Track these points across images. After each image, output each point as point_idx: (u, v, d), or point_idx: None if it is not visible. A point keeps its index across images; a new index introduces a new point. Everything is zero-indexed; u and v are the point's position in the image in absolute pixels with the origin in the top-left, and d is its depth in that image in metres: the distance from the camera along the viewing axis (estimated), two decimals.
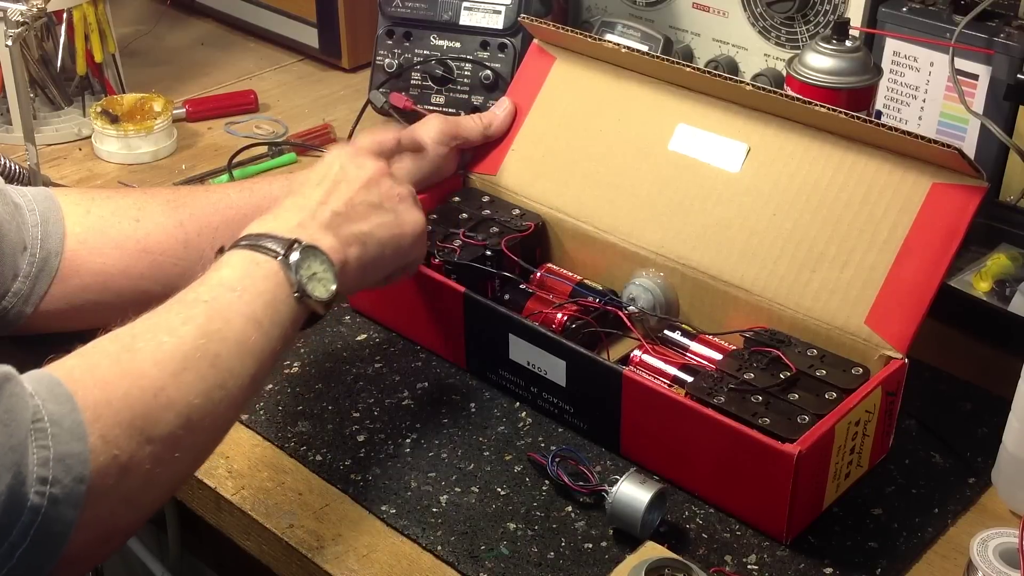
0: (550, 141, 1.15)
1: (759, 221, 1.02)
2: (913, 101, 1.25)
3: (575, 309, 1.04)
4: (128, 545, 1.32)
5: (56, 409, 0.70)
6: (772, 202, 1.02)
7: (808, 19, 1.30)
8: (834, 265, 0.98)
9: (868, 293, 0.96)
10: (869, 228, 0.97)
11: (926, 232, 0.95)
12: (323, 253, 0.86)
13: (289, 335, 0.85)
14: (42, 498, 0.68)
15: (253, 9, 1.69)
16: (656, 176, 1.08)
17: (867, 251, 0.97)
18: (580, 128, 1.14)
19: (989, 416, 1.01)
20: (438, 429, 1.00)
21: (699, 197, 1.05)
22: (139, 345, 0.77)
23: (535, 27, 1.18)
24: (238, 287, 0.82)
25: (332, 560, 0.88)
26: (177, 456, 0.76)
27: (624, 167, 1.10)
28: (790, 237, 1.00)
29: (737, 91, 1.04)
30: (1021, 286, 1.11)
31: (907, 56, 1.22)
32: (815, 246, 0.99)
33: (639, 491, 0.88)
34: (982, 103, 1.17)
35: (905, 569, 0.89)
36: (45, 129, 1.45)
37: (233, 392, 0.79)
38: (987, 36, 1.15)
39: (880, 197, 0.98)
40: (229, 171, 1.36)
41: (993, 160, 1.19)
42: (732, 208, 1.04)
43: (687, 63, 1.07)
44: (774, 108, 1.03)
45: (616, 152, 1.11)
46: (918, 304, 0.93)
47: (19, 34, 1.25)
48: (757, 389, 0.92)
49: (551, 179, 1.14)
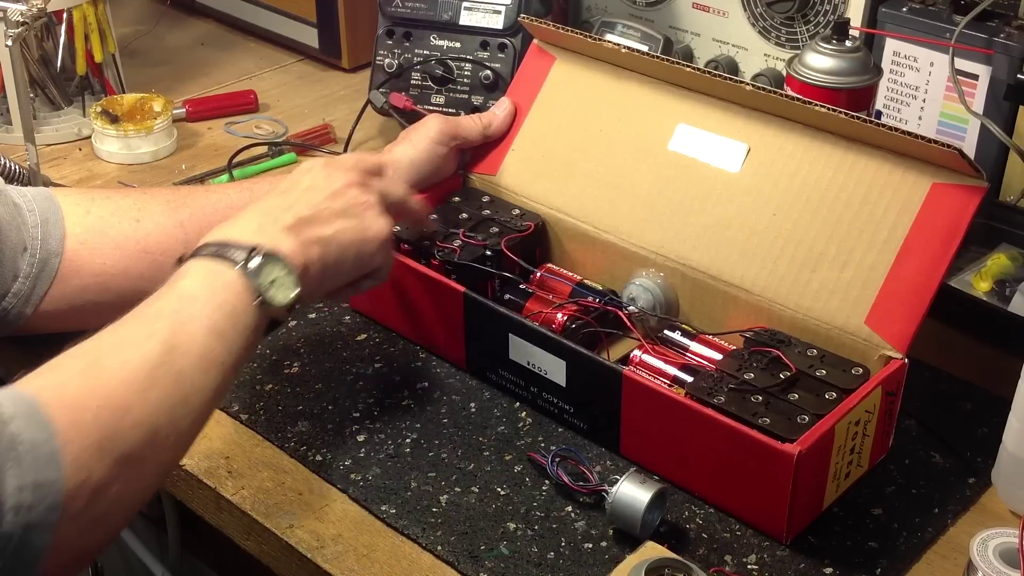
0: (550, 141, 1.15)
1: (759, 221, 1.02)
2: (913, 101, 1.25)
3: (575, 309, 1.04)
4: (128, 545, 1.32)
5: (34, 436, 0.70)
6: (772, 202, 1.02)
7: (808, 19, 1.30)
8: (834, 265, 0.98)
9: (868, 293, 0.96)
10: (869, 228, 0.97)
11: (926, 232, 0.95)
12: (283, 258, 0.85)
13: (251, 343, 0.84)
14: (15, 525, 0.68)
15: (253, 9, 1.69)
16: (656, 176, 1.08)
17: (867, 251, 0.97)
18: (580, 128, 1.14)
19: (989, 416, 1.01)
20: (438, 429, 1.00)
21: (699, 197, 1.05)
22: (105, 362, 0.76)
23: (535, 27, 1.19)
24: (200, 297, 0.82)
25: (332, 560, 0.88)
26: (143, 474, 0.76)
27: (624, 167, 1.10)
28: (790, 237, 1.00)
29: (737, 91, 1.04)
30: (1021, 286, 1.11)
31: (907, 56, 1.22)
32: (815, 246, 0.99)
33: (639, 491, 0.88)
34: (982, 103, 1.17)
35: (905, 569, 0.89)
36: (45, 129, 1.45)
37: (196, 407, 0.79)
38: (987, 36, 1.15)
39: (880, 197, 0.98)
40: (229, 171, 1.36)
41: (993, 160, 1.19)
42: (732, 208, 1.04)
43: (686, 63, 1.07)
44: (774, 108, 1.03)
45: (616, 152, 1.11)
46: (918, 304, 0.93)
47: (19, 34, 1.25)
48: (757, 389, 0.92)
49: (551, 179, 1.14)
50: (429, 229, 1.09)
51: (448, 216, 1.13)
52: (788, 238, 1.00)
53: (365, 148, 1.41)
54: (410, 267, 1.06)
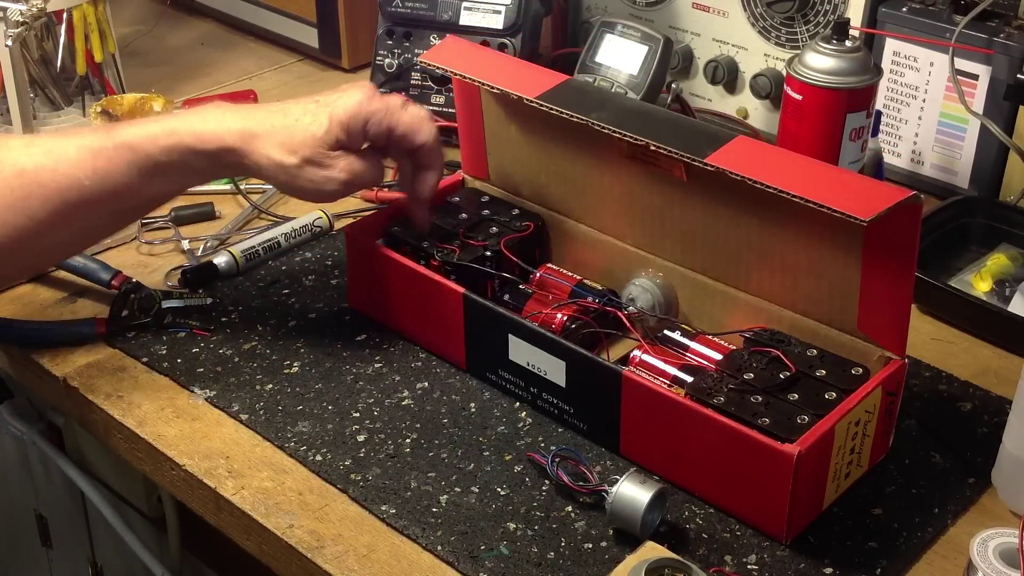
0: (531, 140, 1.14)
1: (753, 221, 1.02)
2: (913, 101, 1.25)
3: (575, 309, 1.04)
4: (128, 545, 1.32)
5: None
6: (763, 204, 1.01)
7: (808, 19, 1.30)
8: (810, 276, 0.97)
9: (850, 303, 0.95)
10: (829, 242, 0.93)
11: (882, 253, 0.91)
12: None
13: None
14: None
15: (253, 9, 1.69)
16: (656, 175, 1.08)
17: (832, 264, 0.94)
18: (569, 127, 1.13)
19: (989, 416, 1.01)
20: (438, 429, 1.00)
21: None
22: None
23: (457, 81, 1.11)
24: None
25: (332, 560, 0.88)
26: None
27: (622, 167, 1.10)
28: (776, 242, 1.00)
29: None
30: (1021, 286, 1.12)
31: (907, 56, 1.22)
32: (794, 256, 0.98)
33: (639, 491, 0.88)
34: (982, 103, 1.18)
35: (905, 569, 0.89)
36: (45, 129, 1.45)
37: None
38: (987, 36, 1.15)
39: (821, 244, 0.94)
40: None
41: (993, 160, 1.19)
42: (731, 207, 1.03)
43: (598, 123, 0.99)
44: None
45: (597, 154, 1.10)
46: (900, 307, 0.93)
47: (19, 34, 1.25)
48: (757, 389, 0.92)
49: (548, 179, 1.14)
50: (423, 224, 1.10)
51: (447, 216, 1.13)
52: (775, 242, 0.99)
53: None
54: (410, 267, 1.06)
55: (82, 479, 1.32)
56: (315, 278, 1.19)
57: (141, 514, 1.32)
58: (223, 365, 1.07)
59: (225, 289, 1.16)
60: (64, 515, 1.46)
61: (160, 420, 1.01)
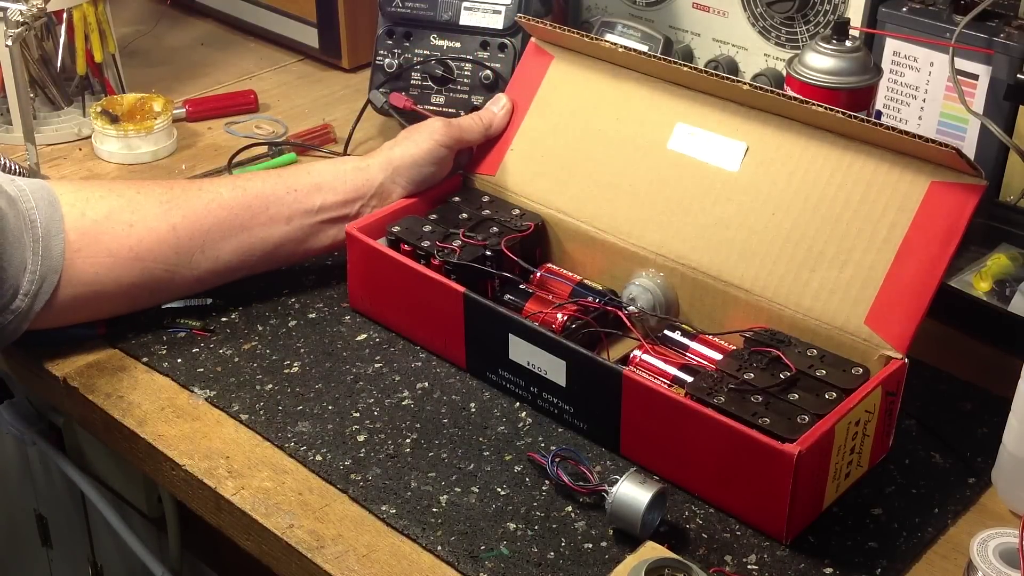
0: (549, 141, 1.15)
1: (758, 220, 1.02)
2: (913, 101, 1.25)
3: (575, 309, 1.04)
4: (128, 545, 1.32)
5: None
6: (771, 201, 1.02)
7: (808, 19, 1.30)
8: (833, 264, 0.98)
9: (867, 293, 0.96)
10: (868, 227, 0.97)
11: (925, 231, 0.95)
12: None
13: None
14: None
15: (253, 9, 1.69)
16: (655, 176, 1.08)
17: (866, 250, 0.97)
18: (579, 127, 1.14)
19: (989, 416, 1.01)
20: (438, 429, 1.00)
21: (698, 196, 1.05)
22: None
23: (532, 26, 1.19)
24: None
25: (332, 560, 0.88)
26: None
27: (623, 166, 1.10)
28: (789, 236, 1.00)
29: (735, 90, 1.04)
30: (1021, 286, 1.11)
31: (907, 56, 1.22)
32: (814, 245, 0.99)
33: (639, 491, 0.88)
34: (982, 103, 1.17)
35: (905, 569, 0.89)
36: (45, 129, 1.45)
37: None
38: (987, 36, 1.15)
39: (878, 196, 0.98)
40: (229, 171, 1.36)
41: (993, 160, 1.19)
42: (731, 207, 1.04)
43: (684, 63, 1.07)
44: (772, 107, 1.04)
45: (615, 151, 1.11)
46: (918, 304, 0.93)
47: (19, 34, 1.25)
48: (757, 389, 0.92)
49: (551, 178, 1.14)
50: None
51: (448, 216, 1.13)
52: (787, 237, 1.00)
53: (365, 148, 1.41)
54: (410, 267, 1.06)
55: (82, 479, 1.32)
56: (315, 278, 1.19)
57: (141, 514, 1.32)
58: (223, 365, 1.07)
59: (225, 289, 1.16)
60: (64, 515, 1.47)
61: (160, 420, 1.01)
